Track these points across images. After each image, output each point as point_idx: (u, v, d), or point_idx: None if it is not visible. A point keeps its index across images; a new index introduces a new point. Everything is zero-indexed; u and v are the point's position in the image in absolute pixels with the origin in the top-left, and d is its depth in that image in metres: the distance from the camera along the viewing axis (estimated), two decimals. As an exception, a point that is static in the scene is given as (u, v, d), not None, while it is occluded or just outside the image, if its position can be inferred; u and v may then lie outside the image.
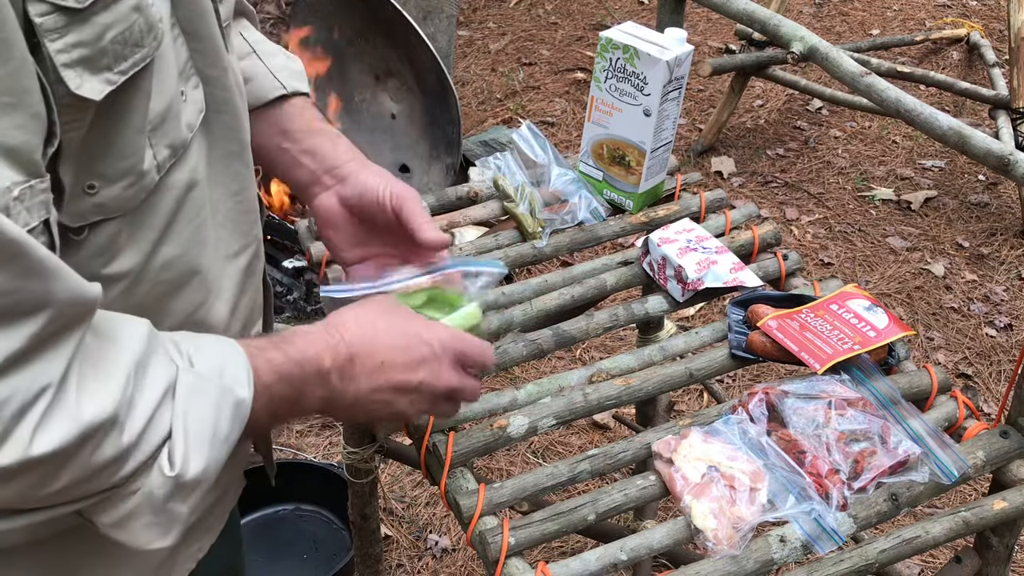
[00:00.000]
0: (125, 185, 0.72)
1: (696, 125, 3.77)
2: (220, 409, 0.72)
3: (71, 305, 0.63)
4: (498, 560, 1.00)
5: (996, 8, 4.56)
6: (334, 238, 1.04)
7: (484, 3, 4.56)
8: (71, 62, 0.63)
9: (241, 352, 0.76)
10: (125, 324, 0.70)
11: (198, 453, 0.71)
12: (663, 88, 1.39)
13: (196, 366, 0.73)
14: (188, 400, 0.71)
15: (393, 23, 2.57)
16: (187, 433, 0.70)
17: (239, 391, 0.74)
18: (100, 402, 0.65)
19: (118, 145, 0.70)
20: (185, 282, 0.82)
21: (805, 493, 1.04)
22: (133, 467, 0.68)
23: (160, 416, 0.69)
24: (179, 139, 0.76)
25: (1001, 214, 3.31)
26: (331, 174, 1.03)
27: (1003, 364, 2.71)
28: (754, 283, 1.34)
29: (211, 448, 0.72)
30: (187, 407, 0.71)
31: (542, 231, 1.44)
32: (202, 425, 0.71)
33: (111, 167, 0.70)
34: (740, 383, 2.57)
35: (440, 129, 2.74)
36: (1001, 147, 1.27)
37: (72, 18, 0.62)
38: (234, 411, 0.73)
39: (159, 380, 0.69)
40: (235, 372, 0.75)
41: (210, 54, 0.80)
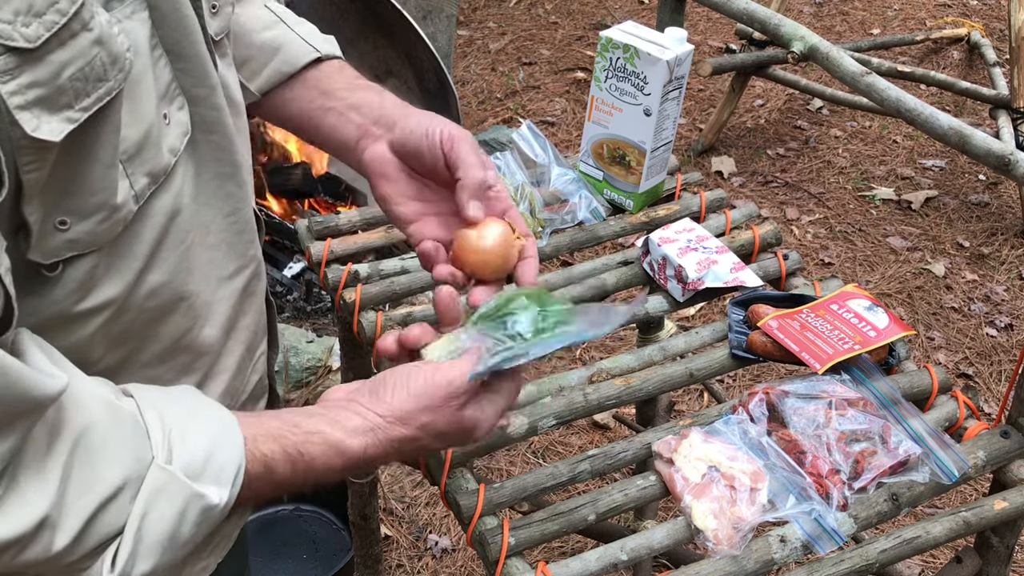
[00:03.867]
0: (99, 220, 0.69)
1: (696, 125, 3.77)
2: (184, 515, 0.69)
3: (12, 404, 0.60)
4: (498, 560, 1.00)
5: (996, 8, 4.56)
6: (387, 190, 0.95)
7: (484, 3, 4.55)
8: (26, 104, 0.60)
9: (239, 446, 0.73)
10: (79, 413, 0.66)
11: (147, 557, 0.68)
12: (663, 88, 1.39)
13: (174, 462, 0.69)
14: (151, 501, 0.67)
15: (393, 23, 2.57)
16: (140, 536, 0.67)
17: (213, 497, 0.70)
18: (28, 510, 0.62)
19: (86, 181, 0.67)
20: (172, 308, 0.79)
21: (805, 493, 1.04)
22: (70, 561, 0.65)
23: (108, 514, 0.66)
24: (160, 165, 0.73)
25: (1002, 214, 3.31)
26: (379, 124, 0.96)
27: (1003, 364, 2.71)
28: (754, 283, 1.34)
29: (163, 552, 0.68)
30: (147, 508, 0.67)
31: (542, 231, 1.44)
32: (160, 529, 0.68)
33: (82, 203, 0.67)
34: (740, 383, 2.57)
35: (440, 129, 2.74)
36: (1002, 147, 1.27)
37: (24, 58, 0.59)
38: (201, 516, 0.70)
39: (115, 473, 0.66)
40: (221, 468, 0.71)
41: (196, 73, 0.77)
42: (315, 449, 0.77)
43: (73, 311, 0.71)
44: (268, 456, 0.75)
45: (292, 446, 0.76)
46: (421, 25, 2.64)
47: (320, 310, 2.74)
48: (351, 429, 0.79)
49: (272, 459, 0.75)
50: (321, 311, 2.74)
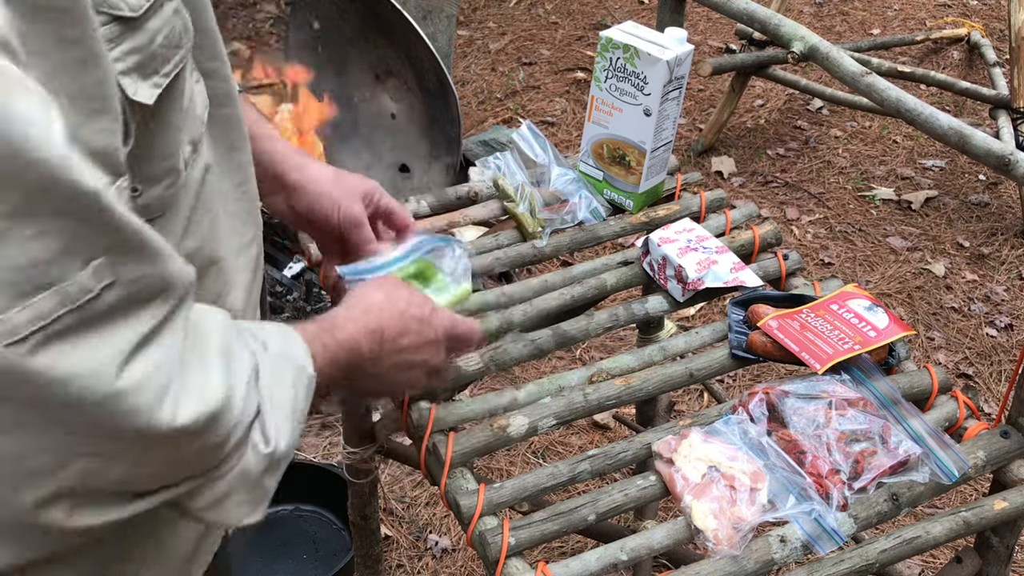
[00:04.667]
0: (166, 185, 0.73)
1: (696, 125, 3.77)
2: (297, 386, 0.78)
3: (183, 285, 0.66)
4: (498, 560, 1.00)
5: (996, 8, 4.56)
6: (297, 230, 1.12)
7: (484, 3, 4.55)
8: (127, 69, 0.64)
9: (299, 337, 0.82)
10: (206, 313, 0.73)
11: (285, 428, 0.75)
12: (663, 88, 1.39)
13: (269, 349, 0.77)
14: (271, 380, 0.75)
15: (393, 23, 2.57)
16: (274, 411, 0.74)
17: (309, 368, 0.80)
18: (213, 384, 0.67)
19: (160, 147, 0.71)
20: (205, 273, 0.83)
21: (805, 493, 1.04)
22: (231, 446, 0.70)
23: (250, 397, 0.72)
24: (197, 134, 0.78)
25: (1002, 214, 3.31)
26: (276, 180, 1.08)
27: (1003, 364, 2.71)
28: (754, 283, 1.34)
29: (293, 423, 0.77)
30: (271, 387, 0.75)
31: (542, 231, 1.44)
32: (284, 402, 0.76)
33: (156, 168, 0.72)
34: (740, 383, 2.57)
35: (440, 129, 2.74)
36: (1002, 147, 1.27)
37: (127, 26, 0.63)
38: (307, 387, 0.79)
39: (245, 363, 0.72)
40: (299, 351, 0.81)
41: (208, 48, 0.81)
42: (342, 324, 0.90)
43: None
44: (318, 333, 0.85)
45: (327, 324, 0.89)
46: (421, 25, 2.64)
47: (320, 310, 2.74)
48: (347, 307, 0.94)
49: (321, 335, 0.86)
50: (321, 311, 2.74)
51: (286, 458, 0.77)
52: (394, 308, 0.95)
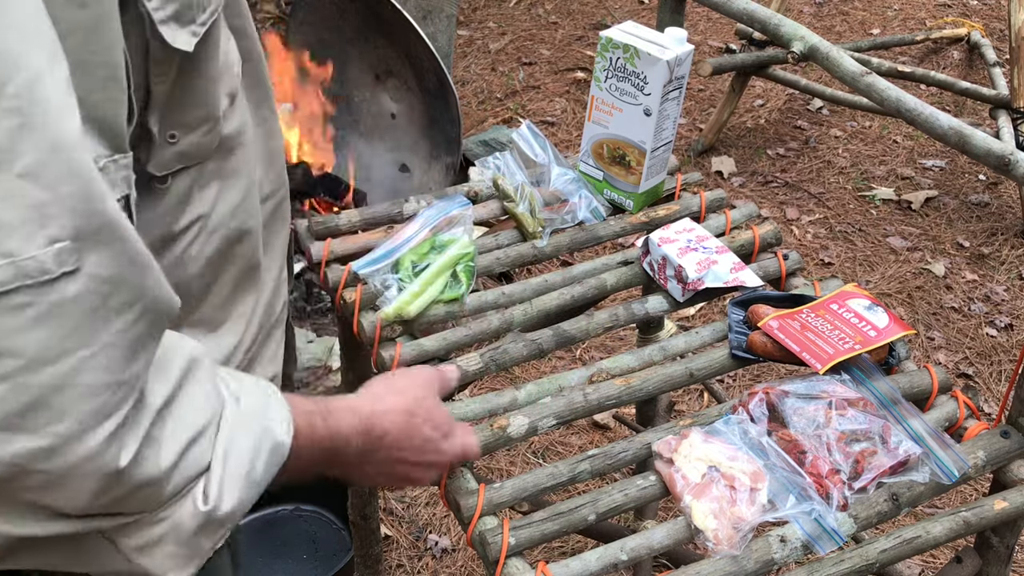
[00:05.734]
0: (203, 132, 0.74)
1: (696, 125, 3.77)
2: (258, 450, 0.72)
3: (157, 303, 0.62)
4: (498, 560, 1.00)
5: (996, 8, 4.56)
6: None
7: (484, 3, 4.55)
8: (166, 18, 0.65)
9: (284, 404, 0.77)
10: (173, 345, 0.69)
11: (232, 491, 0.70)
12: (663, 88, 1.39)
13: (241, 404, 0.72)
14: (231, 436, 0.70)
15: (393, 23, 2.57)
16: (225, 470, 0.69)
17: (279, 435, 0.74)
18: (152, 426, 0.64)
19: (196, 94, 0.72)
20: (247, 227, 0.83)
21: (805, 493, 1.04)
22: (167, 495, 0.66)
23: (200, 447, 0.68)
24: (233, 87, 0.79)
25: (1002, 214, 3.31)
26: None
27: (1003, 364, 2.71)
28: (754, 283, 1.34)
29: (245, 488, 0.71)
30: (229, 444, 0.70)
31: (542, 231, 1.44)
32: (240, 463, 0.70)
33: (190, 115, 0.72)
34: (740, 383, 2.57)
35: (440, 129, 2.74)
36: (1002, 147, 1.27)
37: None
38: (271, 454, 0.73)
39: (202, 410, 0.68)
40: (276, 416, 0.75)
41: (234, 4, 0.83)
42: (339, 412, 0.85)
43: (173, 229, 0.76)
44: (310, 411, 0.81)
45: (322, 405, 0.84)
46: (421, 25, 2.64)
47: (320, 310, 2.74)
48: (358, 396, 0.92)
49: (313, 413, 0.81)
50: (321, 311, 2.74)
51: (228, 521, 0.71)
52: (408, 419, 0.92)
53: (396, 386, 0.95)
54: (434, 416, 0.96)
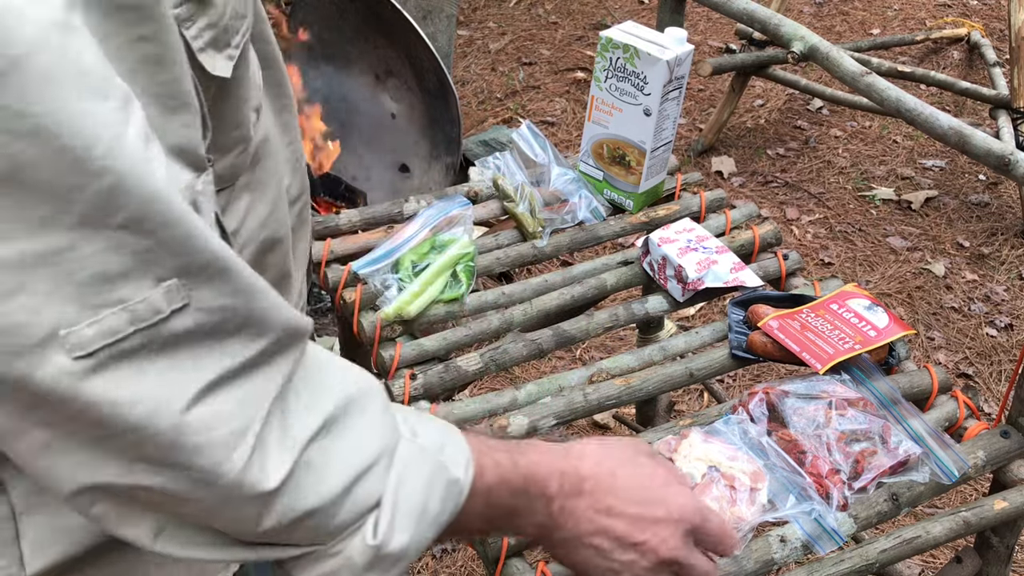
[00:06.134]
0: (237, 154, 0.73)
1: (696, 125, 3.77)
2: (432, 486, 0.68)
3: (275, 325, 0.61)
4: (498, 560, 1.00)
5: (997, 7, 4.56)
6: None
7: (484, 3, 4.55)
8: (204, 45, 0.64)
9: (463, 440, 0.72)
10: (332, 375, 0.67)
11: (403, 529, 0.67)
12: (663, 88, 1.39)
13: (418, 439, 0.70)
14: (404, 471, 0.67)
15: (393, 23, 2.57)
16: (396, 506, 0.67)
17: (454, 470, 0.70)
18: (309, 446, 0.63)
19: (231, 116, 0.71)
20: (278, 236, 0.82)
21: (805, 493, 1.04)
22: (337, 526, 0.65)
23: (370, 481, 0.66)
24: (258, 100, 0.77)
25: (1002, 214, 3.31)
26: None
27: (1003, 364, 2.71)
28: (754, 283, 1.34)
29: (417, 525, 0.68)
30: (402, 479, 0.67)
31: (542, 231, 1.44)
32: (413, 501, 0.67)
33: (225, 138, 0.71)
34: (740, 383, 2.57)
35: (440, 129, 2.74)
36: (1002, 147, 1.27)
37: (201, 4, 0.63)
38: (446, 490, 0.69)
39: (372, 443, 0.67)
40: (454, 454, 0.71)
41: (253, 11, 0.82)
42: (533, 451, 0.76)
43: None
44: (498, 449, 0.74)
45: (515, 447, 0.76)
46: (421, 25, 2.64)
47: (320, 310, 2.74)
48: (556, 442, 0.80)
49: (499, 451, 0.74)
50: (321, 311, 2.74)
51: (401, 559, 0.68)
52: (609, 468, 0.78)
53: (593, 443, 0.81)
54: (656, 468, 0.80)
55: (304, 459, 0.63)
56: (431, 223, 1.36)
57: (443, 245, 1.33)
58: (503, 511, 0.74)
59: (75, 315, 0.52)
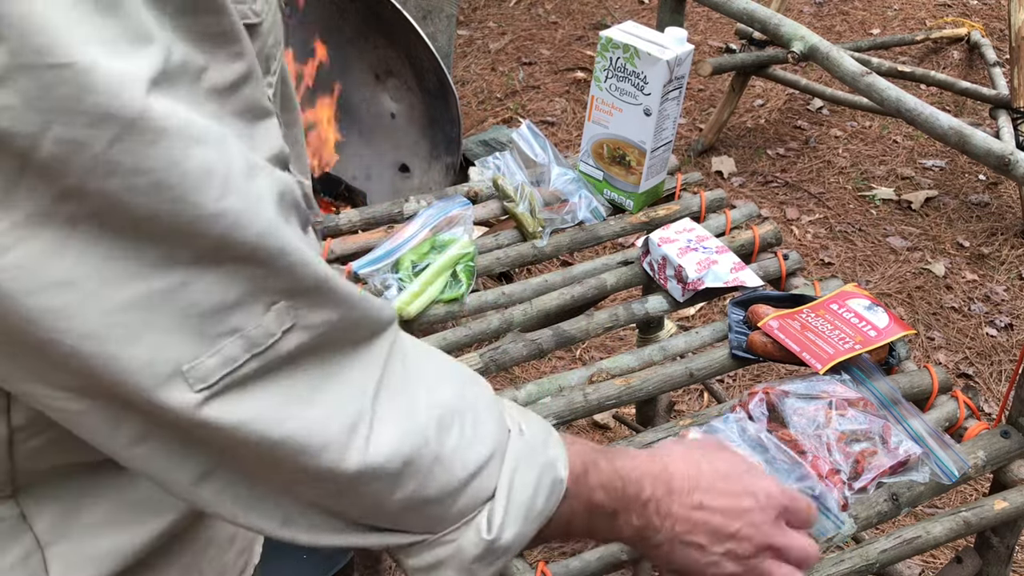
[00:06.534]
0: None
1: (696, 125, 3.77)
2: (540, 483, 0.70)
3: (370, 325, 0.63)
4: (498, 560, 1.00)
5: (997, 7, 4.56)
6: None
7: (484, 2, 4.55)
8: None
9: (560, 439, 0.74)
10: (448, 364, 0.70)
11: (514, 523, 0.68)
12: (663, 87, 1.39)
13: (525, 435, 0.71)
14: (516, 466, 0.69)
15: (393, 23, 2.57)
16: (510, 499, 0.68)
17: (560, 469, 0.71)
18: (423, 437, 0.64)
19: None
20: None
21: (806, 476, 1.03)
22: (454, 513, 0.67)
23: (486, 472, 0.67)
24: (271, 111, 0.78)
25: (1002, 214, 3.31)
26: None
27: (1004, 364, 2.71)
28: (754, 283, 1.34)
29: (525, 520, 0.69)
30: (514, 474, 0.68)
31: (542, 231, 1.44)
32: (523, 495, 0.69)
33: None
34: (740, 383, 2.56)
35: (440, 129, 2.74)
36: (1002, 147, 1.26)
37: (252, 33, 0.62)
38: (552, 488, 0.70)
39: (488, 437, 0.68)
40: (555, 451, 0.72)
41: None
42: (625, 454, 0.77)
43: None
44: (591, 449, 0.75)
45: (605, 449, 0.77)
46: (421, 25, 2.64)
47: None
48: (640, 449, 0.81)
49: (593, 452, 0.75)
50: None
51: (506, 553, 0.69)
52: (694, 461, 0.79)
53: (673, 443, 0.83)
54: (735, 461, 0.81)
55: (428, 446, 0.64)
56: (431, 223, 1.36)
57: (443, 245, 1.33)
58: (603, 514, 0.74)
59: (196, 349, 0.54)
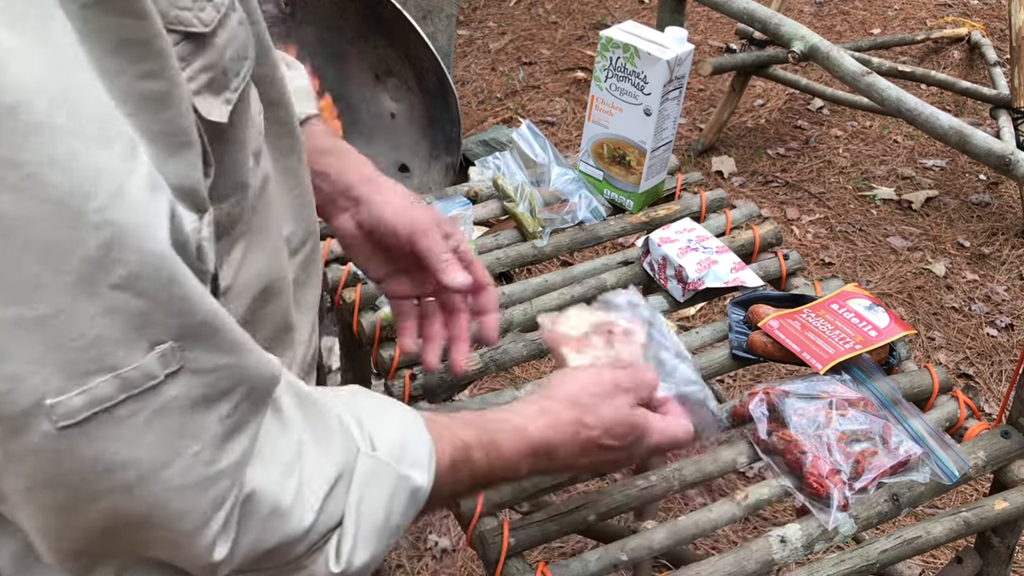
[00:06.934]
0: (234, 202, 0.69)
1: (696, 124, 3.77)
2: (394, 499, 0.68)
3: (259, 380, 0.59)
4: (498, 560, 1.00)
5: (997, 7, 4.56)
6: (355, 255, 1.04)
7: (484, 2, 4.55)
8: (199, 88, 0.60)
9: (424, 432, 0.72)
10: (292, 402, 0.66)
11: (367, 545, 0.66)
12: (663, 87, 1.39)
13: (377, 449, 0.68)
14: (365, 488, 0.66)
15: (393, 23, 2.57)
16: (359, 524, 0.66)
17: (417, 478, 0.69)
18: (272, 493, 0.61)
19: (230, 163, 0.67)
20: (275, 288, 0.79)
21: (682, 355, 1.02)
22: (299, 552, 0.64)
23: (332, 503, 0.65)
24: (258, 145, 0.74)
25: (1002, 214, 3.31)
26: (345, 195, 1.01)
27: (1004, 364, 2.71)
28: (755, 283, 1.34)
29: (380, 538, 0.68)
30: (363, 496, 0.66)
31: (542, 231, 1.44)
32: (375, 516, 0.67)
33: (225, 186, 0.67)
34: (740, 383, 2.56)
35: (440, 129, 2.74)
36: (1002, 146, 1.26)
37: (198, 44, 0.59)
38: (409, 499, 0.69)
39: (333, 463, 0.65)
40: (417, 452, 0.70)
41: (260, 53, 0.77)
42: (503, 435, 0.78)
43: None
44: (467, 442, 0.75)
45: (485, 432, 0.77)
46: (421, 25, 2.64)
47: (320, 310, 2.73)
48: (529, 414, 0.82)
49: (470, 445, 0.75)
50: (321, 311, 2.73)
51: (363, 573, 0.67)
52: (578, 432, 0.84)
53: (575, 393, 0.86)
54: (616, 430, 0.86)
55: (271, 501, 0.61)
56: None
57: None
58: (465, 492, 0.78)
59: (63, 384, 0.49)
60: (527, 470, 0.81)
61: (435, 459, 0.71)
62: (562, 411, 0.84)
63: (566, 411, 0.84)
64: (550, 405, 0.84)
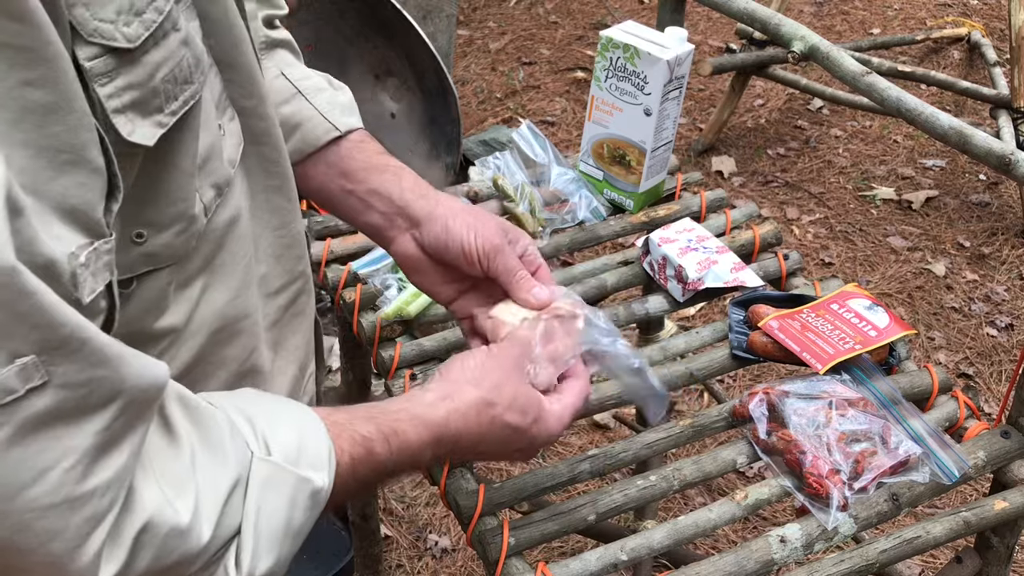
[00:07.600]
0: (176, 232, 0.67)
1: (696, 124, 3.77)
2: (295, 502, 0.66)
3: (137, 391, 0.56)
4: (498, 560, 1.00)
5: (997, 7, 4.56)
6: (420, 280, 0.99)
7: (484, 2, 4.55)
8: (122, 107, 0.58)
9: (323, 434, 0.70)
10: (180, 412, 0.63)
11: (269, 552, 0.64)
12: (664, 87, 1.39)
13: (273, 453, 0.66)
14: (262, 494, 0.64)
15: (393, 23, 2.57)
16: (258, 531, 0.64)
17: (317, 480, 0.67)
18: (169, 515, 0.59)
19: (167, 190, 0.65)
20: (237, 328, 0.76)
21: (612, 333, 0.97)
22: (198, 567, 0.61)
23: (229, 513, 0.62)
24: (223, 177, 0.72)
25: (1002, 214, 3.31)
26: (403, 216, 0.97)
27: (1004, 364, 2.71)
28: (755, 283, 1.34)
29: (282, 544, 0.66)
30: (260, 502, 0.64)
31: (542, 230, 1.44)
32: (275, 521, 0.65)
33: (160, 213, 0.65)
34: (740, 383, 2.56)
35: (440, 129, 2.74)
36: (1002, 146, 1.26)
37: (122, 59, 0.57)
38: (310, 502, 0.67)
39: (227, 473, 0.63)
40: (315, 454, 0.68)
41: (245, 84, 0.75)
42: (404, 425, 0.76)
43: (145, 331, 0.69)
44: (367, 436, 0.73)
45: (385, 424, 0.75)
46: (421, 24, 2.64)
47: (320, 310, 2.74)
48: (429, 402, 0.80)
49: (371, 439, 0.73)
50: (321, 311, 2.74)
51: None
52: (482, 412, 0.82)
53: (473, 374, 0.84)
54: (518, 402, 0.84)
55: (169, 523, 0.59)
56: None
57: None
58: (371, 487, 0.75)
59: None
60: (431, 456, 0.80)
61: (335, 458, 0.69)
62: (462, 393, 0.82)
63: (467, 392, 0.82)
64: (450, 388, 0.82)
